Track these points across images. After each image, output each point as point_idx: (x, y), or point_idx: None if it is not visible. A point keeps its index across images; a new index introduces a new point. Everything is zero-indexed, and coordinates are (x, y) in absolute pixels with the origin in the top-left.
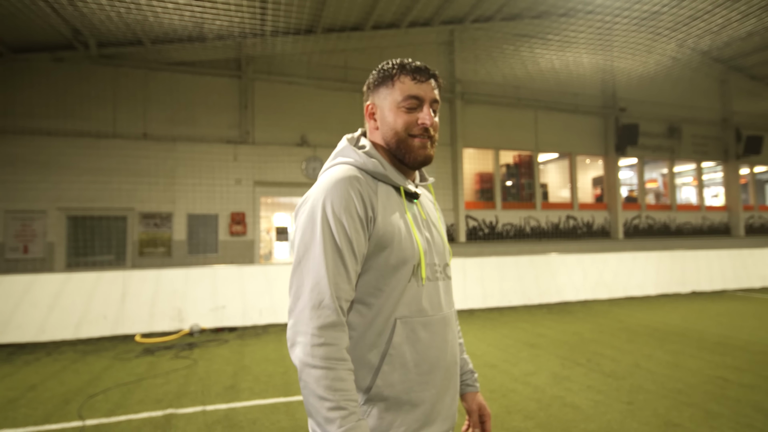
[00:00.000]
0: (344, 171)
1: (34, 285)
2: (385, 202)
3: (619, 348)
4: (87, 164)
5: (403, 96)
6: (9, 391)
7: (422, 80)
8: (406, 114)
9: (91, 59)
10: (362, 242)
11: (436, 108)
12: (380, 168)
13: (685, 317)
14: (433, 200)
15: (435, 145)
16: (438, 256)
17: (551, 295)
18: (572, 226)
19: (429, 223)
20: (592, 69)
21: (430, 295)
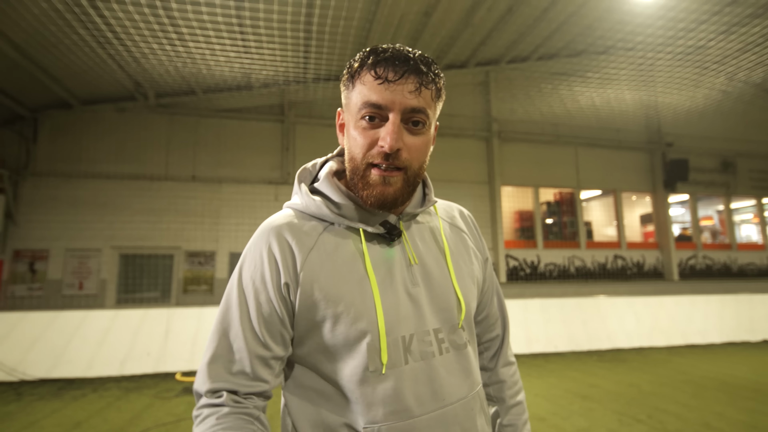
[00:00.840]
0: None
1: (86, 321)
2: (326, 257)
3: (684, 404)
4: (140, 205)
5: (361, 102)
6: (56, 428)
7: (390, 78)
8: (365, 131)
9: (149, 108)
10: (275, 319)
11: (423, 120)
12: (325, 209)
13: (758, 370)
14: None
15: (412, 178)
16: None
17: (601, 341)
18: (621, 266)
19: (425, 270)
20: (635, 105)
21: (413, 385)
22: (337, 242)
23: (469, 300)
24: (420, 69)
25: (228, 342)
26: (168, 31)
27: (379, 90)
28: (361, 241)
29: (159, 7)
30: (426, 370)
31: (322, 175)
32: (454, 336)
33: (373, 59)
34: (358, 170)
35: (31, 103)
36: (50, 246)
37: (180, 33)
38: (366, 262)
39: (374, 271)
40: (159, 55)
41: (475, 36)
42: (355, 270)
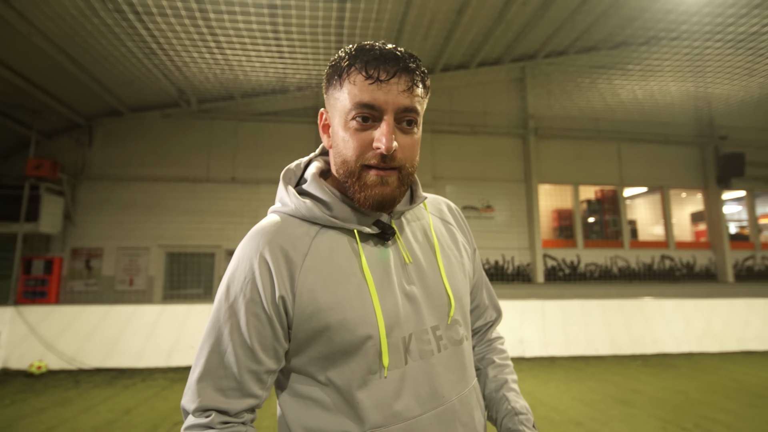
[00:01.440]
0: (261, 228)
1: (136, 315)
2: (321, 262)
3: (736, 413)
4: (184, 206)
5: (352, 103)
6: (109, 413)
7: (382, 78)
8: (358, 133)
9: (191, 114)
10: (268, 333)
11: (414, 119)
12: (317, 212)
13: None
14: (448, 220)
15: (406, 177)
16: (434, 315)
17: (646, 345)
18: (669, 267)
19: (419, 268)
20: (682, 97)
21: (414, 385)
22: (332, 246)
23: (461, 294)
24: (410, 67)
25: (218, 358)
26: (207, 40)
27: (371, 90)
28: (356, 243)
29: (198, 18)
30: (425, 369)
31: (309, 176)
32: (451, 332)
33: (362, 59)
34: (352, 173)
35: (87, 112)
36: (104, 245)
37: (218, 42)
38: (363, 265)
39: (371, 273)
40: (199, 64)
41: (510, 31)
42: (352, 273)
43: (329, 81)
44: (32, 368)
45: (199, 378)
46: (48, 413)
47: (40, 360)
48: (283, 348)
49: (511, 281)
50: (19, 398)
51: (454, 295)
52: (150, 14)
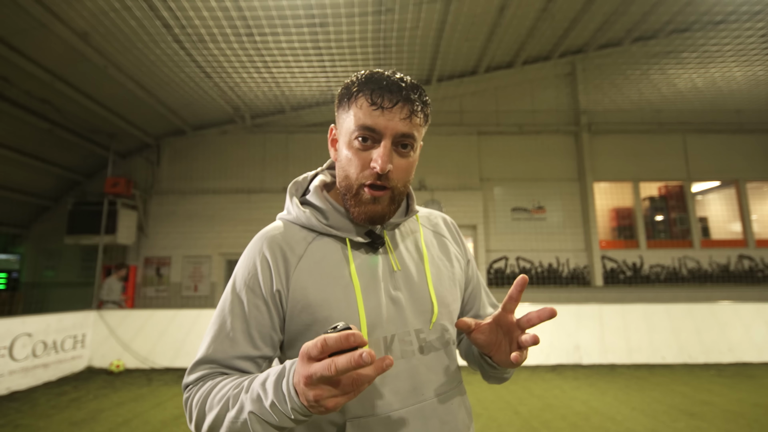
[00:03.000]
0: (260, 236)
1: (199, 319)
2: (314, 265)
3: None
4: (241, 216)
5: (356, 125)
6: (176, 409)
7: (385, 106)
8: (359, 152)
9: (246, 129)
10: (266, 322)
11: (411, 144)
12: (314, 220)
13: None
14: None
15: (397, 196)
16: (418, 319)
17: (721, 353)
18: (748, 267)
19: (407, 276)
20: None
21: (396, 381)
22: (325, 251)
23: (448, 301)
24: (411, 98)
25: (220, 343)
26: (255, 61)
27: (375, 115)
28: (347, 250)
29: (246, 41)
30: (406, 368)
31: (312, 188)
32: (435, 336)
33: (369, 87)
34: (351, 189)
35: (155, 133)
36: (172, 253)
37: (265, 61)
38: (351, 269)
39: (359, 277)
40: (249, 83)
41: (556, 26)
42: (340, 276)
43: (340, 102)
44: (112, 367)
45: (200, 360)
46: (124, 407)
47: (119, 359)
48: (278, 337)
49: (566, 285)
50: (101, 393)
51: (438, 302)
52: (204, 41)
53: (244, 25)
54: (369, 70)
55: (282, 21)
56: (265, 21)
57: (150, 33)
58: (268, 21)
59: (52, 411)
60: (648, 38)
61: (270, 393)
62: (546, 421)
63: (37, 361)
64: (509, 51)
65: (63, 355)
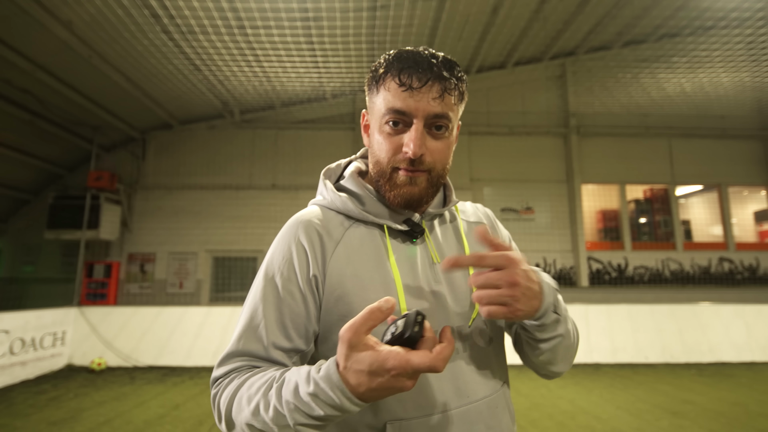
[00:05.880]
0: (295, 219)
1: (185, 316)
2: (352, 251)
3: None
4: (228, 212)
5: (385, 108)
6: (159, 408)
7: (414, 86)
8: (390, 136)
9: (234, 124)
10: (301, 311)
11: (445, 124)
12: (350, 205)
13: None
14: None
15: (436, 179)
16: (459, 316)
17: (702, 353)
18: (728, 270)
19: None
20: (737, 88)
21: (439, 381)
22: (362, 237)
23: None
24: (443, 75)
25: (251, 334)
26: (246, 54)
27: (404, 97)
28: (385, 237)
29: (237, 34)
30: (449, 368)
31: (348, 174)
32: (476, 333)
33: (397, 66)
34: (384, 173)
35: (141, 126)
36: (156, 250)
37: (256, 55)
38: (390, 258)
39: (398, 268)
40: (239, 77)
41: (548, 28)
42: (379, 265)
43: (369, 85)
44: (93, 365)
45: (230, 353)
46: (106, 407)
47: (100, 357)
48: (313, 328)
49: None
50: (82, 392)
51: None
52: (193, 33)
53: (236, 17)
54: (398, 48)
55: (275, 14)
56: (257, 14)
57: (137, 23)
58: (260, 14)
59: (30, 410)
60: (639, 42)
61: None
62: (533, 420)
63: (14, 359)
64: (502, 52)
65: (42, 352)
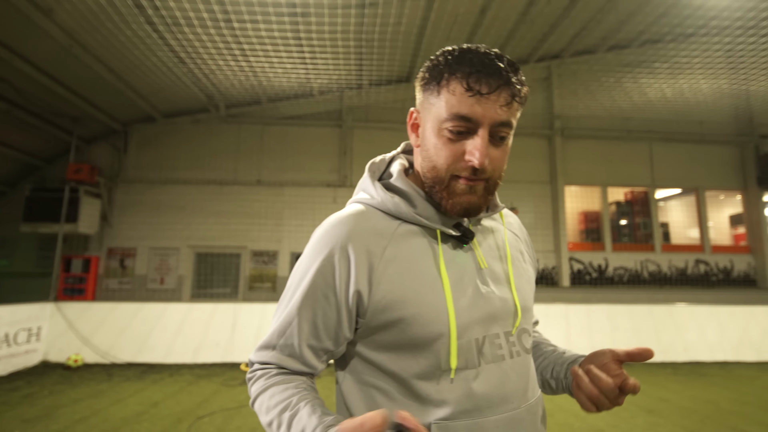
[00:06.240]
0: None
1: (165, 313)
2: (402, 257)
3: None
4: (212, 208)
5: (448, 113)
6: (138, 405)
7: (483, 92)
8: (450, 143)
9: (220, 119)
10: (333, 316)
11: (507, 134)
12: (403, 207)
13: None
14: (515, 232)
15: (492, 187)
16: (505, 322)
17: (677, 352)
18: (704, 271)
19: (494, 274)
20: (716, 94)
21: (486, 386)
22: (411, 242)
23: (528, 305)
24: (512, 81)
25: (284, 329)
26: (232, 48)
27: (470, 103)
28: (436, 243)
29: (223, 27)
30: (497, 373)
31: (395, 173)
32: (520, 340)
33: (465, 69)
34: (441, 181)
35: (123, 119)
36: (137, 245)
37: (242, 49)
38: (440, 264)
39: (448, 274)
40: (225, 71)
41: (535, 31)
42: (428, 271)
43: (427, 83)
44: (69, 361)
45: (266, 344)
46: (82, 404)
47: (77, 354)
48: (344, 336)
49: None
50: (57, 389)
51: (521, 306)
52: (178, 25)
53: (222, 10)
54: (459, 46)
55: (262, 8)
56: (244, 7)
57: (120, 13)
58: (247, 7)
59: (3, 407)
60: (622, 47)
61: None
62: None
63: None
64: None
65: (16, 348)
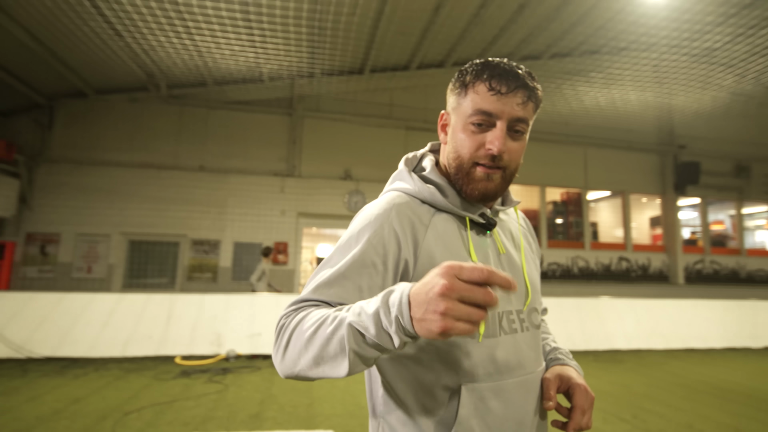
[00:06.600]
0: (389, 202)
1: (92, 303)
2: (438, 237)
3: (671, 405)
4: (149, 193)
5: (472, 110)
6: (56, 403)
7: (503, 91)
8: (474, 135)
9: (161, 99)
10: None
11: (523, 129)
12: (438, 196)
13: (755, 376)
14: (523, 225)
15: (509, 177)
16: (518, 302)
17: (599, 341)
18: (625, 268)
19: (510, 259)
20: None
21: (505, 353)
22: (446, 226)
23: (537, 288)
24: (528, 84)
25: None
26: (175, 24)
27: (492, 100)
28: (465, 228)
29: (166, 1)
30: (513, 343)
31: (429, 167)
32: (530, 317)
33: (488, 73)
34: (463, 168)
35: (48, 92)
36: (61, 230)
37: (187, 27)
38: (470, 246)
39: (475, 254)
40: (167, 48)
41: (486, 33)
42: (460, 251)
43: (455, 88)
44: None
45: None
46: None
47: None
48: None
49: None
50: None
51: (531, 288)
52: None
53: None
54: (485, 58)
55: None
56: None
57: None
58: None
59: None
60: (564, 55)
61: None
62: None
63: None
64: (441, 51)
65: None
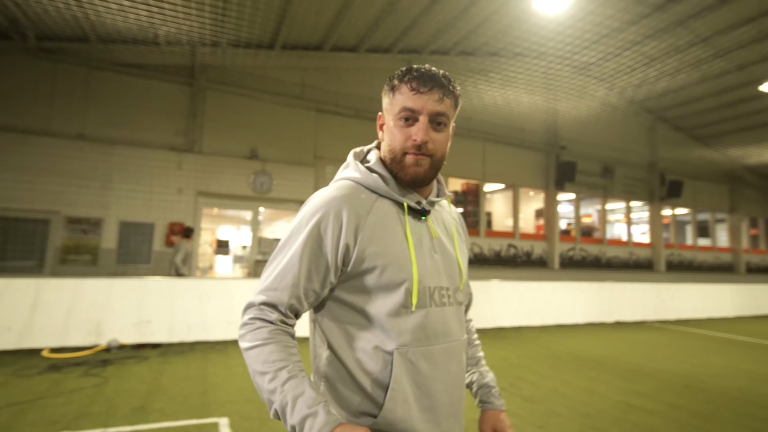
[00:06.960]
0: (337, 190)
1: None
2: (379, 220)
3: (541, 373)
4: (12, 161)
5: (399, 108)
6: None
7: (421, 91)
8: (402, 128)
9: (28, 51)
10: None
11: (444, 121)
12: (381, 183)
13: (606, 345)
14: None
15: (437, 163)
16: (448, 279)
17: (487, 320)
18: (513, 254)
19: (441, 243)
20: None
21: (433, 322)
22: (386, 211)
23: (466, 272)
24: (443, 84)
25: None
26: None
27: (414, 98)
28: (403, 213)
29: None
30: (441, 314)
31: (374, 159)
32: (457, 295)
33: (409, 76)
34: (396, 157)
35: None
36: None
37: None
38: (406, 229)
39: (411, 236)
40: None
41: (399, 22)
42: (398, 234)
43: (386, 92)
44: None
45: (269, 286)
46: None
47: None
48: (330, 280)
49: None
50: None
51: (464, 271)
52: None
53: None
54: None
55: None
56: None
57: None
58: None
59: None
60: (468, 54)
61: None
62: None
63: None
64: (355, 35)
65: None
